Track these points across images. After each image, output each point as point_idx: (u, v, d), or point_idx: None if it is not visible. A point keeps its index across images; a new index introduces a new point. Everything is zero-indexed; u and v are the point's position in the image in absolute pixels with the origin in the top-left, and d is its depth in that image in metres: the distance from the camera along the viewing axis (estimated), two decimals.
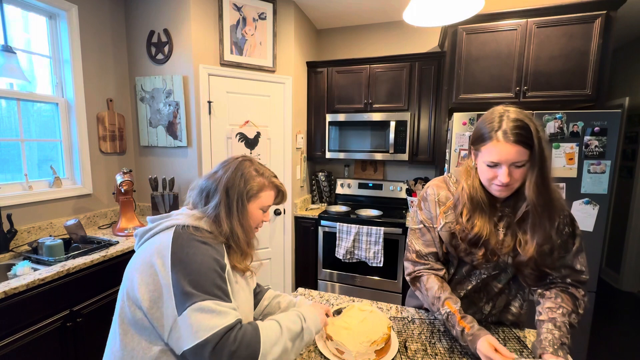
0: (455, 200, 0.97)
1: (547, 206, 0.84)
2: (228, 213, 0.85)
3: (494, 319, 1.08)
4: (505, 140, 0.80)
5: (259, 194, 0.89)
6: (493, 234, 0.91)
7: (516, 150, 0.80)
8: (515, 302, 1.05)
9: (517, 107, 0.86)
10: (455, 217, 0.96)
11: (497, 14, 2.10)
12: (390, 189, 3.05)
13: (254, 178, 0.88)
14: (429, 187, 1.06)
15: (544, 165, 0.81)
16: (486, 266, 0.97)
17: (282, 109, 2.70)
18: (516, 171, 0.83)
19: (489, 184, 0.89)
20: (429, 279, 0.99)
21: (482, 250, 0.91)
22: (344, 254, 2.59)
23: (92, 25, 2.18)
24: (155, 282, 0.73)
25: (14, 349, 1.29)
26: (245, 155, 0.95)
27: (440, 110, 2.58)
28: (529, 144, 0.80)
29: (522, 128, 0.80)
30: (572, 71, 2.01)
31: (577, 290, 0.92)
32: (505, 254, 0.92)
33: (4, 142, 1.82)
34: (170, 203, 2.31)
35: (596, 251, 1.93)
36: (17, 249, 1.71)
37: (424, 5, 1.15)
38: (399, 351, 0.92)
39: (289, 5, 2.60)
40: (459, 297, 1.00)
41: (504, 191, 0.87)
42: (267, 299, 1.09)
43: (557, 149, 1.92)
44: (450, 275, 1.03)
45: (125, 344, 0.76)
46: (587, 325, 1.99)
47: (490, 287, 1.01)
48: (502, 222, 0.93)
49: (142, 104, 2.43)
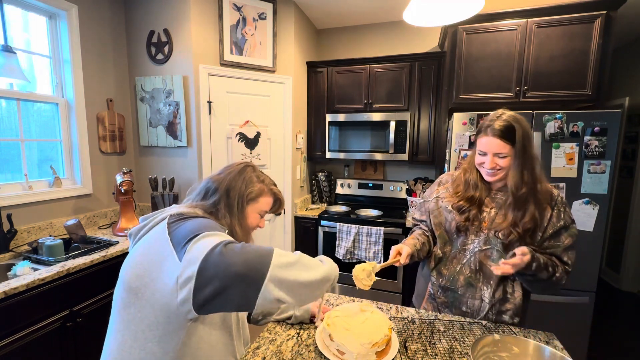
0: (453, 179, 1.22)
1: (529, 194, 1.02)
2: (229, 212, 0.86)
3: (495, 311, 1.10)
4: (492, 134, 1.02)
5: (258, 198, 0.92)
6: (478, 208, 1.11)
7: (498, 143, 1.01)
8: (510, 287, 1.11)
9: (515, 113, 1.05)
10: (452, 188, 1.19)
11: (497, 14, 2.10)
12: (390, 189, 3.05)
13: (255, 183, 0.92)
14: (442, 175, 1.32)
15: (526, 160, 1.01)
16: (477, 239, 1.11)
17: (282, 109, 2.70)
18: (500, 160, 1.03)
19: (480, 168, 1.10)
20: (415, 230, 1.30)
21: (465, 215, 1.12)
22: (344, 254, 2.59)
23: (92, 25, 2.18)
24: (158, 262, 0.71)
25: (14, 349, 1.29)
26: (247, 162, 0.97)
27: (440, 110, 2.58)
28: (511, 140, 1.00)
29: (507, 127, 1.01)
30: (572, 71, 2.01)
31: (559, 266, 1.04)
32: (493, 228, 1.08)
33: (4, 142, 1.82)
34: (170, 203, 2.30)
35: (596, 251, 1.92)
36: (17, 249, 1.71)
37: (424, 5, 1.15)
38: (399, 351, 0.92)
39: (289, 5, 2.60)
40: (457, 271, 1.16)
41: (490, 175, 1.07)
42: None
43: (557, 149, 1.92)
44: (448, 252, 1.19)
45: (122, 343, 0.75)
46: (587, 325, 1.99)
47: (485, 267, 1.11)
48: (497, 205, 1.10)
49: (142, 104, 2.43)
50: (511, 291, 1.10)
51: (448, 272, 1.17)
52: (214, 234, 0.69)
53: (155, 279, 0.70)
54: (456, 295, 1.16)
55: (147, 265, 0.73)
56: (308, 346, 0.95)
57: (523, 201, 1.03)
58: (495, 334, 0.89)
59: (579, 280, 1.96)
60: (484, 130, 1.05)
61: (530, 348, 0.86)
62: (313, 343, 0.96)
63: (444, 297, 1.19)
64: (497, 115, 1.04)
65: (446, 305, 1.19)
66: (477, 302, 1.12)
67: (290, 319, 1.08)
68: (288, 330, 1.04)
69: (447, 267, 1.18)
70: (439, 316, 1.13)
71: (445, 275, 1.18)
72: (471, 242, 1.12)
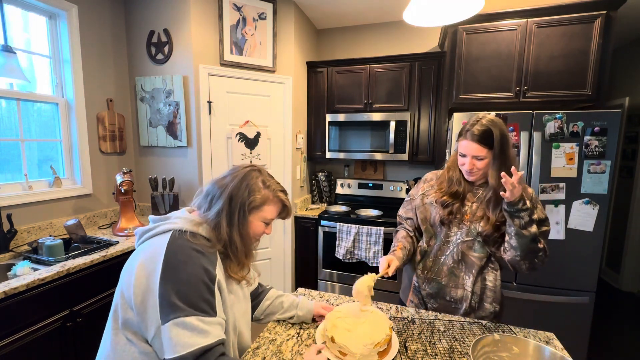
0: (437, 177, 1.28)
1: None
2: (229, 222, 0.85)
3: (477, 299, 1.17)
4: (470, 138, 1.08)
5: (262, 206, 0.89)
6: (460, 202, 1.17)
7: (476, 147, 1.07)
8: (490, 275, 1.17)
9: (496, 117, 1.11)
10: (436, 185, 1.25)
11: (497, 14, 2.10)
12: (390, 189, 3.05)
13: (260, 190, 0.88)
14: (427, 173, 1.37)
15: (504, 161, 1.06)
16: (460, 231, 1.17)
17: (282, 109, 2.70)
18: (478, 162, 1.09)
19: (460, 167, 1.16)
20: (400, 231, 1.34)
21: (448, 209, 1.17)
22: (344, 254, 2.59)
23: (92, 25, 2.18)
24: (146, 284, 0.74)
25: (14, 349, 1.29)
26: (254, 165, 0.94)
27: (440, 110, 2.58)
28: (488, 144, 1.06)
29: (485, 132, 1.06)
30: (572, 71, 2.01)
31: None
32: (474, 221, 1.15)
33: (4, 142, 1.82)
34: (170, 203, 2.31)
35: (596, 251, 1.92)
36: (17, 249, 1.71)
37: (424, 5, 1.15)
38: (399, 351, 0.92)
39: (289, 5, 2.60)
40: (441, 262, 1.22)
41: (469, 175, 1.14)
42: (269, 298, 1.10)
43: (557, 149, 1.92)
44: (432, 245, 1.25)
45: (116, 343, 0.77)
46: (587, 325, 1.99)
47: (467, 257, 1.17)
48: (478, 199, 1.17)
49: (142, 104, 2.43)
50: (491, 279, 1.17)
51: (432, 263, 1.24)
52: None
53: (143, 304, 0.75)
54: (440, 286, 1.22)
55: (138, 285, 0.76)
56: (308, 346, 0.95)
57: (499, 198, 1.07)
58: (495, 334, 0.89)
59: (579, 280, 1.97)
60: (464, 134, 1.11)
61: (530, 348, 0.86)
62: (313, 343, 0.96)
63: (429, 288, 1.24)
64: (477, 119, 1.10)
65: (431, 296, 1.24)
66: (460, 291, 1.18)
67: (293, 318, 1.08)
68: (288, 330, 1.04)
69: (432, 259, 1.24)
70: (438, 316, 1.14)
71: (430, 266, 1.24)
72: (454, 234, 1.19)
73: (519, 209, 0.98)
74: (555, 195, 1.95)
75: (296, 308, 1.09)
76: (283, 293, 1.14)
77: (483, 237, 1.13)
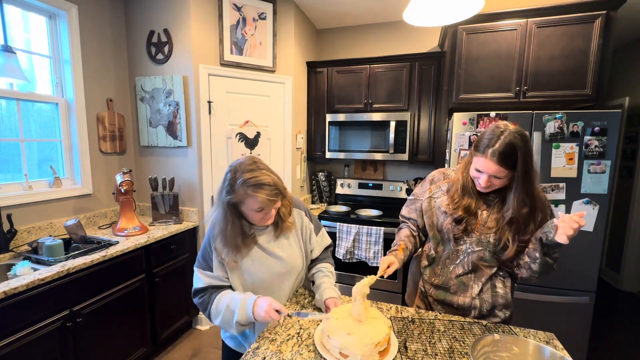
0: (449, 186, 1.18)
1: (531, 212, 1.02)
2: (222, 219, 1.05)
3: (488, 306, 1.13)
4: (491, 158, 0.97)
5: (243, 201, 1.01)
6: (474, 216, 1.10)
7: (497, 168, 0.97)
8: (499, 282, 1.14)
9: (517, 127, 0.99)
10: (447, 198, 1.16)
11: (497, 14, 2.10)
12: (390, 189, 3.05)
13: (235, 190, 0.99)
14: (433, 172, 1.29)
15: (528, 182, 0.98)
16: (470, 240, 1.12)
17: (282, 109, 2.70)
18: (496, 180, 1.01)
19: (474, 179, 1.08)
20: (403, 229, 1.31)
21: (462, 225, 1.11)
22: (344, 254, 2.59)
23: (92, 25, 2.18)
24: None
25: (14, 349, 1.29)
26: (233, 165, 1.03)
27: (440, 110, 2.58)
28: (510, 165, 0.96)
29: (508, 153, 0.95)
30: (572, 71, 2.01)
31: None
32: (486, 233, 1.09)
33: (4, 142, 1.82)
34: (170, 203, 2.31)
35: (596, 251, 1.92)
36: (17, 249, 1.71)
37: (424, 5, 1.15)
38: (399, 351, 0.92)
39: (289, 5, 2.60)
40: (450, 271, 1.18)
41: (483, 189, 1.07)
42: (317, 269, 1.24)
43: (557, 149, 1.92)
44: (441, 252, 1.20)
45: None
46: (587, 326, 1.99)
47: (478, 267, 1.13)
48: (489, 206, 1.11)
49: (142, 104, 2.43)
50: (501, 286, 1.13)
51: (441, 271, 1.20)
52: (195, 274, 1.11)
53: None
54: (448, 294, 1.18)
55: None
56: (308, 346, 0.95)
57: (524, 222, 1.03)
58: (495, 334, 0.89)
59: (579, 280, 1.97)
60: (482, 151, 0.99)
61: (530, 348, 0.86)
62: (313, 343, 0.96)
63: (436, 295, 1.21)
64: (497, 134, 0.96)
65: (439, 303, 1.21)
66: (469, 300, 1.14)
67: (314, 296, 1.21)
68: (288, 330, 1.04)
69: (440, 267, 1.20)
70: (438, 316, 1.13)
71: (438, 274, 1.20)
72: (464, 243, 1.14)
73: (560, 247, 0.91)
74: (555, 195, 1.95)
75: (317, 290, 1.18)
76: (328, 272, 1.22)
77: (501, 261, 1.10)
